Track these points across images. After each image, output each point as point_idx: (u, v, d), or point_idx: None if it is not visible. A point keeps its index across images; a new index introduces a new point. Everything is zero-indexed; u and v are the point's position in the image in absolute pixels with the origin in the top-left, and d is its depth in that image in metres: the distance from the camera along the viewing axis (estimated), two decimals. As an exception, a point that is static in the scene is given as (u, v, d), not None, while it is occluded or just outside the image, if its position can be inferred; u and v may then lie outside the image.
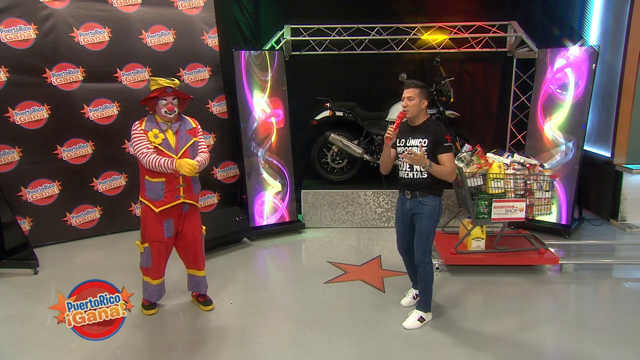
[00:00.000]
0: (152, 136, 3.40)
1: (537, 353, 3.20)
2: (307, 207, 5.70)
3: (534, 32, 5.86)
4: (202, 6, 5.63)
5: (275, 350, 3.26)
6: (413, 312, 3.54)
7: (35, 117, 4.97)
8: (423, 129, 3.31)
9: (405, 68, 5.94)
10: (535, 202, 4.32)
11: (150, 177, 3.43)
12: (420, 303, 3.56)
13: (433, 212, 3.34)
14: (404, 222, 3.51)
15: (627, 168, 5.49)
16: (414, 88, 3.25)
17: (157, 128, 3.43)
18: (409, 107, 3.27)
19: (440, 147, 3.25)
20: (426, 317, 3.52)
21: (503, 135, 6.32)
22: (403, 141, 3.37)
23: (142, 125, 3.43)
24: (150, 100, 3.41)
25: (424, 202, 3.33)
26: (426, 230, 3.36)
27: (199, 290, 3.83)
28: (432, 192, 3.33)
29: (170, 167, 3.31)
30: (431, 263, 3.45)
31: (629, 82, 5.39)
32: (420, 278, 3.48)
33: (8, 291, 4.13)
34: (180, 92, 3.48)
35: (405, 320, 3.50)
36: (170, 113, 3.41)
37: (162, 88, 3.37)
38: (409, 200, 3.39)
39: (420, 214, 3.35)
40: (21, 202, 5.00)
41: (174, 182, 3.46)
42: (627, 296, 4.01)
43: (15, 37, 4.79)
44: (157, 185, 3.43)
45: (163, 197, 3.45)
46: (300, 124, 5.98)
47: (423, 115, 3.33)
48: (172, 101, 3.41)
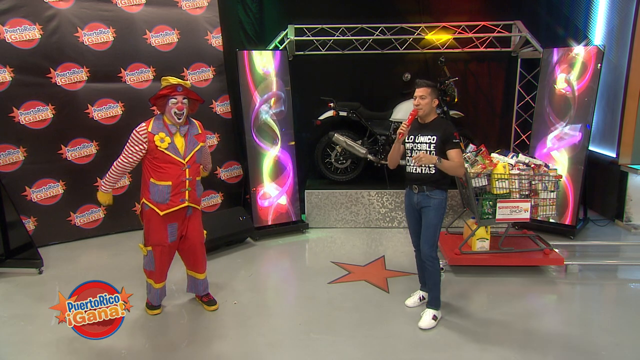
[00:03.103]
0: (158, 140, 3.34)
1: (542, 354, 3.19)
2: (311, 207, 5.70)
3: (538, 31, 5.83)
4: (206, 6, 5.64)
5: (280, 350, 3.25)
6: (425, 311, 3.57)
7: (40, 117, 4.99)
8: (432, 126, 3.41)
9: (409, 68, 5.94)
10: (540, 202, 4.30)
11: (156, 180, 3.40)
12: (431, 301, 3.59)
13: (440, 205, 3.43)
14: (414, 217, 3.59)
15: (632, 168, 5.46)
16: (426, 87, 3.39)
17: (164, 131, 3.37)
18: (421, 105, 3.39)
19: (449, 143, 3.34)
20: (438, 315, 3.57)
21: (507, 135, 6.30)
22: (412, 138, 3.47)
23: (148, 127, 3.36)
24: (160, 100, 3.36)
25: (431, 195, 3.41)
26: (433, 222, 3.44)
27: (197, 292, 3.82)
28: (439, 187, 3.42)
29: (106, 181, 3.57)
30: (438, 258, 3.51)
31: (634, 82, 5.37)
32: (428, 274, 3.54)
33: (13, 290, 4.14)
34: (192, 92, 3.44)
35: (420, 321, 3.53)
36: (180, 113, 3.36)
37: (173, 86, 3.33)
38: (416, 194, 3.48)
39: (427, 207, 3.44)
40: (26, 202, 5.02)
41: (180, 186, 3.43)
42: (633, 297, 3.99)
43: (20, 37, 4.80)
44: (164, 189, 3.40)
45: (169, 200, 3.42)
46: (304, 124, 5.98)
47: (433, 114, 3.45)
48: (183, 100, 3.36)
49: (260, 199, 5.43)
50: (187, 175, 3.44)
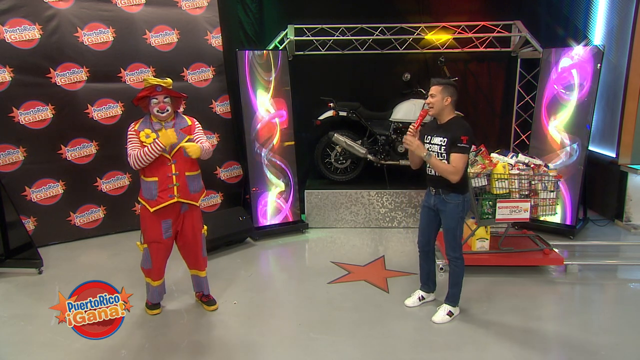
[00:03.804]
0: (143, 136, 3.39)
1: (541, 354, 3.19)
2: (311, 207, 5.70)
3: (538, 31, 5.83)
4: (205, 6, 5.64)
5: (279, 350, 3.26)
6: (442, 306, 3.60)
7: (40, 117, 4.99)
8: (446, 127, 3.36)
9: (409, 68, 5.94)
10: (540, 202, 4.30)
11: (145, 177, 3.44)
12: (449, 297, 3.61)
13: (456, 210, 3.39)
14: (428, 216, 3.59)
15: (632, 168, 5.46)
16: (437, 85, 3.34)
17: (149, 128, 3.42)
18: (432, 103, 3.35)
19: (454, 147, 3.28)
20: (454, 312, 3.59)
21: (507, 135, 6.30)
22: (429, 138, 3.42)
23: (136, 125, 3.44)
24: (143, 100, 3.42)
25: (447, 199, 3.40)
26: (452, 226, 3.44)
27: (203, 290, 3.83)
28: (454, 190, 3.37)
29: (156, 146, 3.30)
30: (462, 258, 3.52)
31: (634, 82, 5.36)
32: (451, 272, 3.56)
33: (12, 290, 4.14)
34: (172, 90, 3.45)
35: (435, 315, 3.56)
36: (162, 112, 3.40)
37: (152, 87, 3.35)
38: (433, 196, 3.48)
39: (444, 211, 3.44)
40: (25, 202, 5.02)
41: (166, 182, 3.42)
42: (632, 297, 3.99)
43: (20, 37, 4.80)
44: (151, 185, 3.42)
45: (157, 196, 3.42)
46: (303, 124, 5.98)
47: (447, 114, 3.37)
48: (164, 100, 3.39)
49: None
50: (174, 170, 3.42)
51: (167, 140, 3.31)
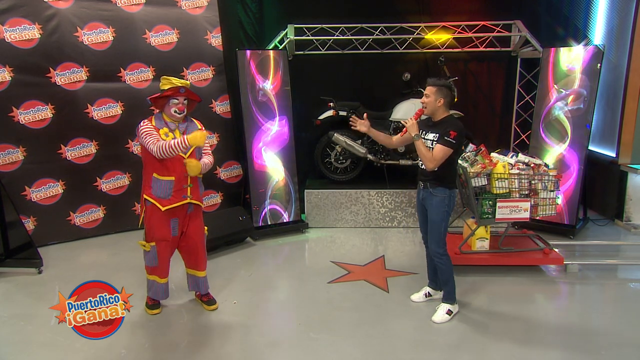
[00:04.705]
0: (163, 134, 3.41)
1: (542, 354, 3.19)
2: (311, 206, 5.70)
3: (538, 31, 5.83)
4: (205, 6, 5.63)
5: (279, 350, 3.25)
6: (440, 306, 3.61)
7: (40, 117, 4.98)
8: (439, 125, 3.45)
9: (409, 68, 5.94)
10: (540, 202, 4.30)
11: (159, 175, 3.44)
12: (445, 296, 3.63)
13: (441, 204, 3.44)
14: (422, 212, 3.65)
15: (632, 168, 5.46)
16: (431, 86, 3.42)
17: (166, 127, 3.45)
18: (425, 103, 3.43)
19: (441, 139, 3.36)
20: (453, 310, 3.61)
21: (507, 135, 6.30)
22: (423, 134, 3.53)
23: (152, 122, 3.44)
24: (161, 100, 3.41)
25: (433, 193, 3.45)
26: (436, 220, 3.47)
27: (199, 290, 3.83)
28: (441, 184, 3.44)
29: (183, 144, 3.28)
30: (447, 254, 3.54)
31: (634, 81, 5.36)
32: (439, 270, 3.59)
33: (12, 290, 4.13)
34: (193, 93, 3.50)
35: (434, 315, 3.57)
36: (180, 113, 3.44)
37: (176, 88, 3.37)
38: (422, 190, 3.55)
39: (430, 204, 3.49)
40: (25, 202, 5.01)
41: (182, 182, 3.46)
42: (632, 297, 3.99)
43: (20, 36, 4.79)
44: (167, 184, 3.43)
45: (171, 195, 3.45)
46: (303, 124, 5.97)
47: (441, 113, 3.45)
48: (184, 101, 3.43)
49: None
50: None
51: (195, 142, 3.29)
